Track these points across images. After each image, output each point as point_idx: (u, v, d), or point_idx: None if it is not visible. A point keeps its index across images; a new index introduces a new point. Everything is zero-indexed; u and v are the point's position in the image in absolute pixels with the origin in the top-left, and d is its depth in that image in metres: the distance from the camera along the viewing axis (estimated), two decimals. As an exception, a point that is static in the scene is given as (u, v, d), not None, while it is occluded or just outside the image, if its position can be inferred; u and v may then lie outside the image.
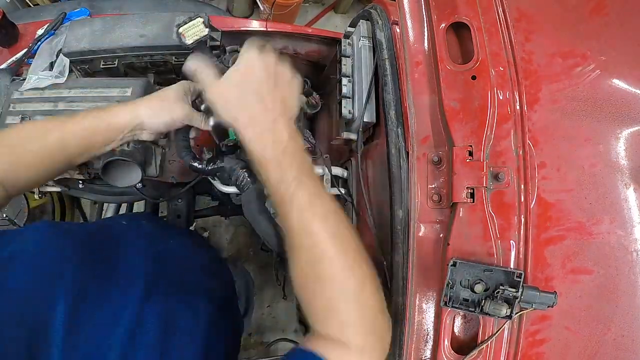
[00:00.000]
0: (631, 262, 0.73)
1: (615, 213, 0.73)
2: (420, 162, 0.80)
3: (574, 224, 0.73)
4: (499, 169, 0.74)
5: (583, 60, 0.78)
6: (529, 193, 0.73)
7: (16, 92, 0.97)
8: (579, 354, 0.73)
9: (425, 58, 0.86)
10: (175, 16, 0.99)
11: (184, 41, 0.85)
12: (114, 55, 0.98)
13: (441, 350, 0.73)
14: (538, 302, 0.67)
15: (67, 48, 0.96)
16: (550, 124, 0.76)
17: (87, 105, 0.91)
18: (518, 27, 0.82)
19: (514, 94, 0.77)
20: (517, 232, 0.73)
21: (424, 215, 0.78)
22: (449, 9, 0.85)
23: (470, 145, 0.75)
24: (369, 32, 1.05)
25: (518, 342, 0.73)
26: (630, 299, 0.73)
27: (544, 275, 0.73)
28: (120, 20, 1.00)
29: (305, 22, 2.98)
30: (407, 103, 0.85)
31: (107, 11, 1.38)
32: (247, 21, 1.56)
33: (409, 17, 0.90)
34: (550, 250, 0.73)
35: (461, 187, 0.73)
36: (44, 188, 1.21)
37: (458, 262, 0.70)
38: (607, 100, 0.76)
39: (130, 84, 0.94)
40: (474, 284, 0.70)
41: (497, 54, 0.79)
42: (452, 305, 0.71)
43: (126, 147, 0.86)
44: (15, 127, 0.78)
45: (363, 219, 1.11)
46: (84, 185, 1.15)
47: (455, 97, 0.79)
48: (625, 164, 0.75)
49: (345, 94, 1.05)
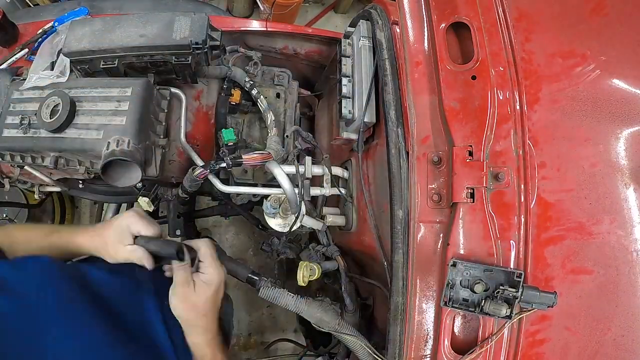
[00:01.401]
0: (631, 262, 0.73)
1: (615, 213, 0.73)
2: (420, 162, 0.80)
3: (574, 224, 0.73)
4: (499, 169, 0.74)
5: (583, 60, 0.78)
6: (529, 193, 0.73)
7: (16, 91, 0.97)
8: (579, 354, 0.73)
9: (425, 58, 0.86)
10: (175, 16, 0.99)
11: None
12: (114, 55, 0.97)
13: (441, 350, 0.73)
14: (538, 302, 0.67)
15: (67, 48, 0.96)
16: (550, 124, 0.76)
17: (87, 105, 0.91)
18: (518, 27, 0.82)
19: (514, 94, 0.77)
20: (517, 232, 0.73)
21: (424, 215, 0.78)
22: (449, 9, 0.85)
23: (470, 145, 0.75)
24: (369, 32, 1.05)
25: (518, 342, 0.73)
26: (630, 299, 0.73)
27: (544, 275, 0.73)
28: (120, 20, 1.00)
29: (305, 22, 2.98)
30: (407, 103, 0.85)
31: (107, 11, 1.38)
32: (247, 21, 1.57)
33: (409, 17, 0.90)
34: (550, 250, 0.73)
35: (461, 187, 0.74)
36: (44, 188, 1.21)
37: (458, 262, 0.70)
38: (607, 100, 0.76)
39: (130, 84, 0.94)
40: (474, 284, 0.71)
41: (497, 54, 0.79)
42: (452, 305, 0.71)
43: (126, 147, 0.86)
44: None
45: (363, 219, 1.11)
46: (84, 185, 1.15)
47: (455, 97, 0.79)
48: (625, 164, 0.75)
49: (345, 94, 1.05)
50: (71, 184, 1.15)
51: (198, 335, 0.78)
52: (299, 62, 1.59)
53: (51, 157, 0.94)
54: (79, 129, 0.90)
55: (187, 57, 0.99)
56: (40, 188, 1.20)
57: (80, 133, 0.90)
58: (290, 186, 0.96)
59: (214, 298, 0.78)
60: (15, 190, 1.65)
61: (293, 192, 0.97)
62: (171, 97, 1.08)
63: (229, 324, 0.97)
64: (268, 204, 1.08)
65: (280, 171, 0.94)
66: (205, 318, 0.78)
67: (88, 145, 0.89)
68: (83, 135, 0.90)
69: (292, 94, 1.37)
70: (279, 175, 0.94)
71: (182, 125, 1.09)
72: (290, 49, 1.52)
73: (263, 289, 0.87)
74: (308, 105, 1.74)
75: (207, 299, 0.77)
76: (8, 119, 0.94)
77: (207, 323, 0.79)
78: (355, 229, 1.17)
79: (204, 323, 0.78)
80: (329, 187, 1.13)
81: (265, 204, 1.08)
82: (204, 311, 0.77)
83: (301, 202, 1.00)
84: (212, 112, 1.25)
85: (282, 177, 0.95)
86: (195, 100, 1.22)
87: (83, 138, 0.90)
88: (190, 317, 0.77)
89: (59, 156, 0.95)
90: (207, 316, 0.78)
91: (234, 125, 1.29)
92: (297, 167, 1.06)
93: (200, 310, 0.77)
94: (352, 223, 1.18)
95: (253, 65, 1.29)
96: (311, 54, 1.55)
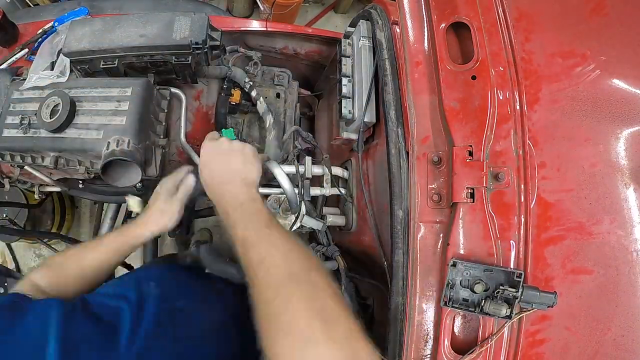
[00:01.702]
0: (631, 262, 0.72)
1: (615, 213, 0.73)
2: (420, 162, 0.80)
3: (574, 224, 0.73)
4: (499, 169, 0.74)
5: (583, 60, 0.78)
6: (529, 193, 0.73)
7: (16, 91, 0.97)
8: (579, 354, 0.73)
9: (425, 58, 0.86)
10: (175, 16, 0.99)
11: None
12: (114, 55, 0.97)
13: (441, 350, 0.73)
14: (538, 302, 0.67)
15: (67, 48, 0.96)
16: (550, 124, 0.76)
17: (87, 105, 0.91)
18: (518, 27, 0.82)
19: (514, 94, 0.77)
20: (517, 232, 0.73)
21: (424, 215, 0.78)
22: (449, 9, 0.85)
23: (470, 145, 0.75)
24: (369, 32, 1.05)
25: (518, 342, 0.73)
26: (630, 299, 0.73)
27: (544, 275, 0.73)
28: (120, 20, 1.00)
29: (305, 22, 2.98)
30: (407, 103, 0.85)
31: (107, 11, 1.38)
32: (247, 21, 1.56)
33: (409, 17, 0.90)
34: (550, 250, 0.73)
35: (461, 187, 0.74)
36: (44, 188, 1.21)
37: (458, 262, 0.71)
38: (607, 100, 0.76)
39: (130, 84, 0.94)
40: (474, 284, 0.71)
41: (497, 54, 0.79)
42: (452, 305, 0.71)
43: (126, 147, 0.86)
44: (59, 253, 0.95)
45: (363, 219, 1.11)
46: (84, 185, 1.15)
47: (455, 97, 0.79)
48: (625, 164, 0.75)
49: (345, 94, 1.05)
50: (71, 184, 1.15)
51: (221, 208, 0.74)
52: (299, 62, 1.59)
53: (51, 157, 0.94)
54: (79, 129, 0.90)
55: (187, 57, 0.99)
56: (40, 188, 1.19)
57: (80, 133, 0.90)
58: (290, 186, 0.96)
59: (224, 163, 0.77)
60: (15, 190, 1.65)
61: (293, 192, 0.97)
62: (171, 97, 1.08)
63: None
64: (268, 204, 1.08)
65: (280, 171, 0.94)
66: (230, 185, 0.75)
67: (88, 145, 0.89)
68: (83, 135, 0.90)
69: (292, 94, 1.37)
70: (279, 175, 0.94)
71: (182, 125, 1.09)
72: (290, 49, 1.53)
73: None
74: (308, 105, 1.74)
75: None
76: (8, 119, 0.94)
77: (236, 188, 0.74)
78: (355, 229, 1.17)
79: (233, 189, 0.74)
80: (329, 187, 1.13)
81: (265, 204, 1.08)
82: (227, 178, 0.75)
83: (301, 202, 1.00)
84: (212, 112, 1.26)
85: (282, 177, 0.95)
86: (195, 100, 1.22)
87: (83, 138, 0.90)
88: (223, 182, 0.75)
89: (59, 156, 0.95)
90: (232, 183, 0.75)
91: (234, 125, 1.29)
92: (297, 167, 1.06)
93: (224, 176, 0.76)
94: (352, 223, 1.18)
95: (253, 65, 1.29)
96: (311, 54, 1.55)
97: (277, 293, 0.54)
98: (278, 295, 0.54)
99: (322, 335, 0.49)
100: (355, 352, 0.49)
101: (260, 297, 0.56)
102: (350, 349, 0.49)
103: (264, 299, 0.55)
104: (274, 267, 0.58)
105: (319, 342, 0.48)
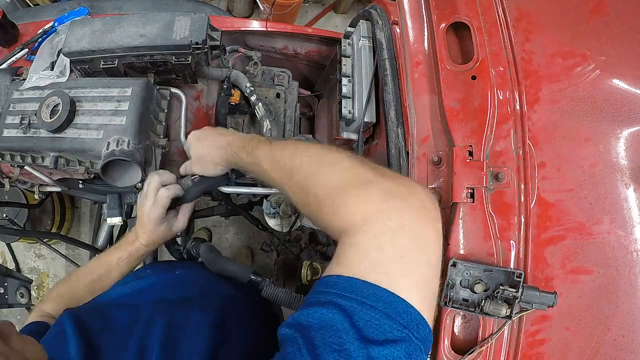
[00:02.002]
0: (631, 262, 0.72)
1: (615, 213, 0.73)
2: (420, 162, 0.80)
3: (574, 224, 0.73)
4: (499, 169, 0.74)
5: (583, 60, 0.78)
6: (529, 193, 0.73)
7: (16, 91, 0.97)
8: (579, 354, 0.73)
9: (425, 58, 0.86)
10: (175, 16, 0.99)
11: None
12: (114, 55, 0.97)
13: (441, 350, 0.73)
14: (538, 302, 0.67)
15: (67, 48, 0.96)
16: (550, 124, 0.76)
17: (87, 105, 0.91)
18: (518, 27, 0.82)
19: (514, 94, 0.77)
20: (517, 232, 0.73)
21: (424, 215, 0.77)
22: (449, 9, 0.85)
23: (470, 145, 0.75)
24: (369, 32, 1.05)
25: (518, 342, 0.73)
26: (630, 299, 0.73)
27: (544, 275, 0.73)
28: (120, 20, 1.00)
29: (305, 22, 2.98)
30: (407, 103, 0.85)
31: (107, 11, 1.38)
32: (247, 21, 1.57)
33: (409, 17, 0.90)
34: (550, 250, 0.73)
35: (461, 187, 0.73)
36: (44, 188, 1.21)
37: (458, 262, 0.70)
38: (607, 100, 0.76)
39: (130, 84, 0.94)
40: (474, 284, 0.70)
41: (497, 54, 0.79)
42: (452, 305, 0.71)
43: (126, 147, 0.86)
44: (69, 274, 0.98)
45: (363, 219, 1.11)
46: (84, 185, 1.15)
47: (455, 97, 0.79)
48: (625, 164, 0.75)
49: (345, 94, 1.05)
50: (71, 184, 1.15)
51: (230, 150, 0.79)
52: (299, 62, 1.59)
53: (51, 157, 0.94)
54: (79, 129, 0.90)
55: (187, 57, 0.99)
56: (40, 188, 1.19)
57: (80, 133, 0.90)
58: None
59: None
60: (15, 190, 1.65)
61: (293, 192, 0.97)
62: (171, 97, 1.08)
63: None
64: (268, 204, 1.08)
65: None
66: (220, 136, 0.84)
67: (88, 145, 0.89)
68: (83, 135, 0.90)
69: (292, 94, 1.37)
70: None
71: (182, 125, 1.09)
72: (290, 49, 1.52)
73: (266, 289, 0.88)
74: (308, 105, 1.74)
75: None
76: (8, 119, 0.94)
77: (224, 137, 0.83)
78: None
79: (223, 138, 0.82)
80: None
81: (265, 204, 1.08)
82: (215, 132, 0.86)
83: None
84: (212, 112, 1.25)
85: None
86: (195, 100, 1.22)
87: (83, 138, 0.90)
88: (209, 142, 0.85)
89: (59, 156, 0.95)
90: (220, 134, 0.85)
91: (234, 125, 1.29)
92: (297, 167, 1.06)
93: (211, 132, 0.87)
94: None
95: (253, 65, 1.29)
96: (311, 54, 1.55)
97: (320, 165, 0.58)
98: (321, 167, 0.58)
99: (377, 178, 0.53)
100: (411, 186, 0.53)
101: (308, 180, 0.58)
102: (407, 184, 0.53)
103: (313, 180, 0.57)
104: (307, 153, 0.61)
105: (376, 182, 0.52)
